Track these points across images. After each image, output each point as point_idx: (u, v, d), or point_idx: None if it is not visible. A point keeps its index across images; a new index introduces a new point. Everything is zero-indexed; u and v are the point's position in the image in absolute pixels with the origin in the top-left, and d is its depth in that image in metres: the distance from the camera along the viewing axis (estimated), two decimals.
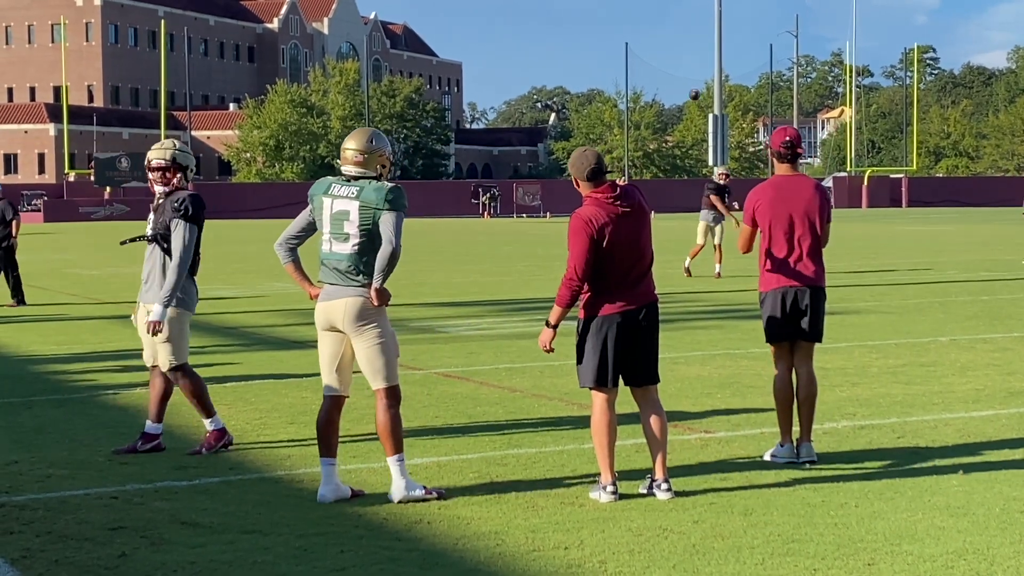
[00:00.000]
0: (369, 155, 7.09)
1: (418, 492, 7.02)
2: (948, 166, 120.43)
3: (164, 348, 8.34)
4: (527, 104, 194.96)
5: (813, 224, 8.08)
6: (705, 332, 15.00)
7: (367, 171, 7.09)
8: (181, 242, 8.22)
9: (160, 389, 8.52)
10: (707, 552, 5.97)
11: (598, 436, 7.06)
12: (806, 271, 8.04)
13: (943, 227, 50.77)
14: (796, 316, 8.03)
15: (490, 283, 23.45)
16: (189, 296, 8.39)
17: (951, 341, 13.81)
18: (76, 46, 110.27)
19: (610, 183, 7.08)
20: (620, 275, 7.02)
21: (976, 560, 5.80)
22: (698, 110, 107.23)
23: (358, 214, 6.98)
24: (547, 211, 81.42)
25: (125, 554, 6.05)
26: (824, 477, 7.48)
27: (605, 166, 7.15)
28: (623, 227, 7.00)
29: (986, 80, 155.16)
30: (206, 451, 8.36)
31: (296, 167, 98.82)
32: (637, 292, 7.07)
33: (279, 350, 13.93)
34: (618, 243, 6.97)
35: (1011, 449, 8.23)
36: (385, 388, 7.06)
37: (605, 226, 6.96)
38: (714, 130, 65.44)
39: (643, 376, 7.17)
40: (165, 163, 8.36)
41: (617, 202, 7.02)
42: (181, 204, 8.26)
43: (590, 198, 7.05)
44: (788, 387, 8.04)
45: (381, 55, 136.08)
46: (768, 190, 8.12)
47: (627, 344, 7.06)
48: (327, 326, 7.16)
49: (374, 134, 7.19)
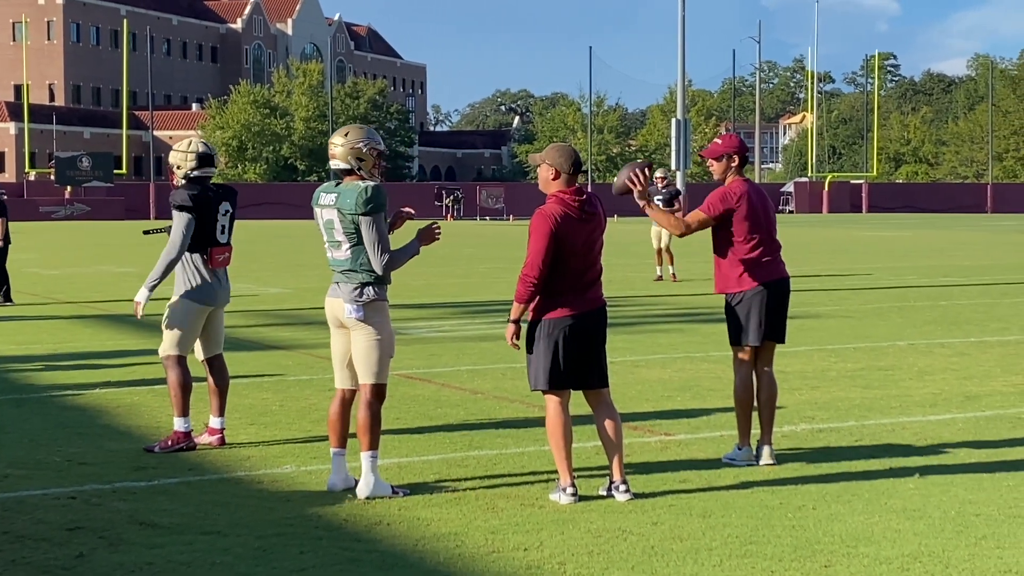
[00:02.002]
0: (343, 148, 7.18)
1: (385, 491, 7.08)
2: (908, 172, 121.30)
3: (167, 335, 8.48)
4: (491, 107, 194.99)
5: (775, 225, 8.24)
6: (665, 335, 15.06)
7: (341, 163, 7.20)
8: (175, 233, 8.36)
9: (212, 385, 8.66)
10: (665, 553, 6.00)
11: (554, 438, 7.08)
12: (783, 268, 8.17)
13: (902, 232, 51.13)
14: (773, 314, 8.07)
15: (452, 285, 23.45)
16: (208, 289, 8.48)
17: (909, 345, 13.92)
18: (38, 44, 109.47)
19: (577, 187, 7.13)
20: (573, 279, 7.06)
21: (931, 563, 5.86)
22: (661, 114, 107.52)
23: (339, 223, 7.12)
24: (510, 214, 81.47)
25: (83, 554, 6.02)
26: (782, 480, 7.53)
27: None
28: (582, 232, 7.05)
29: (946, 87, 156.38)
30: (160, 450, 8.34)
31: (259, 168, 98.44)
32: (587, 297, 7.11)
33: (241, 351, 13.88)
34: (576, 247, 7.02)
35: (967, 452, 8.31)
36: (372, 384, 7.18)
37: (567, 227, 7.00)
38: (677, 134, 65.63)
39: (595, 379, 7.19)
40: (202, 159, 8.57)
41: (583, 206, 7.06)
42: (181, 197, 8.42)
43: (556, 197, 7.09)
44: (751, 390, 8.09)
45: (345, 56, 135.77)
46: (748, 191, 8.12)
47: (578, 348, 7.09)
48: (336, 323, 7.30)
49: (352, 127, 7.31)
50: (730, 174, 8.17)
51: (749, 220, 8.05)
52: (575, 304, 7.07)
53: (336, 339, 7.36)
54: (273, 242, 44.15)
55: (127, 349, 14.02)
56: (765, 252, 8.09)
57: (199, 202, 8.41)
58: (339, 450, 7.29)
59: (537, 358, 7.11)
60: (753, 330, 8.05)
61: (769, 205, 8.27)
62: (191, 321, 8.48)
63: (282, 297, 21.12)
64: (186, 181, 8.50)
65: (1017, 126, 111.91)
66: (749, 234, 8.05)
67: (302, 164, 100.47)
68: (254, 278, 25.63)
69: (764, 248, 8.09)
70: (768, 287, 8.06)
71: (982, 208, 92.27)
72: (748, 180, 8.27)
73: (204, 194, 8.47)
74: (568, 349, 7.06)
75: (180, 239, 8.35)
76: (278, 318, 17.55)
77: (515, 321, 7.14)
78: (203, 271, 8.47)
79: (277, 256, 34.65)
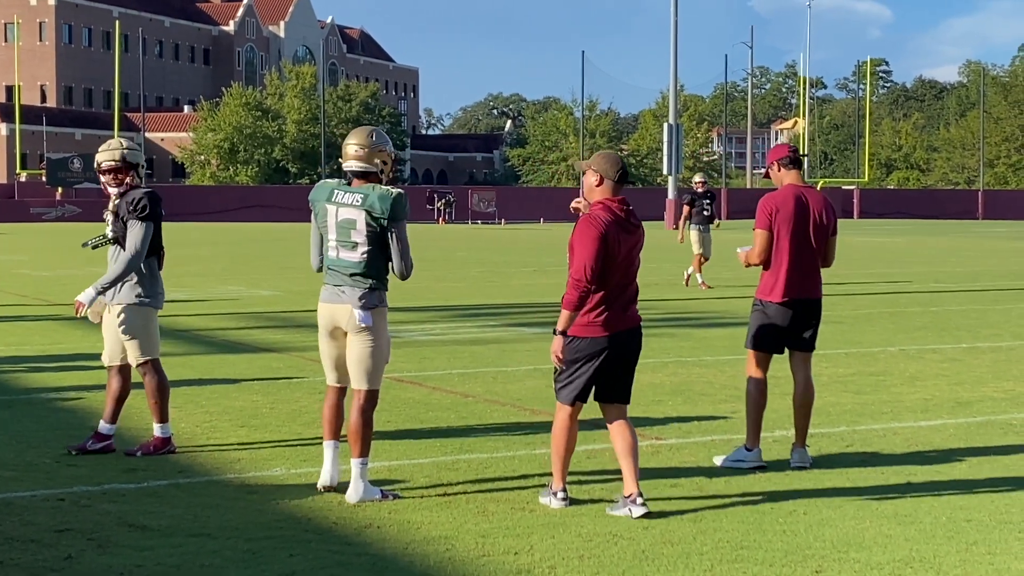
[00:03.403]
0: (370, 150, 7.16)
1: (375, 496, 7.06)
2: (899, 178, 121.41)
3: (131, 345, 8.32)
4: (483, 111, 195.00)
5: (823, 237, 8.15)
6: (657, 340, 15.04)
7: (367, 166, 7.17)
8: (135, 239, 8.19)
9: (116, 390, 8.46)
10: (656, 558, 5.99)
11: (557, 444, 6.99)
12: (812, 284, 8.10)
13: (894, 239, 51.19)
14: (794, 328, 8.07)
15: (444, 288, 23.43)
16: (154, 293, 8.37)
17: (900, 351, 13.93)
18: (29, 45, 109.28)
19: (623, 197, 6.94)
20: (614, 294, 6.80)
21: (923, 568, 5.85)
22: (653, 119, 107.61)
23: (364, 223, 7.06)
24: (502, 218, 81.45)
25: (71, 556, 6.00)
26: (773, 484, 7.53)
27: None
28: (626, 243, 6.82)
29: (937, 94, 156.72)
30: (141, 454, 8.27)
31: (251, 170, 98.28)
32: (627, 316, 6.88)
33: (231, 353, 13.86)
34: (618, 258, 6.76)
35: (958, 458, 8.31)
36: (366, 390, 7.17)
37: (614, 235, 6.76)
38: (669, 139, 65.74)
39: (619, 395, 7.01)
40: (116, 164, 8.30)
41: (628, 216, 6.88)
42: (137, 203, 8.22)
43: (603, 204, 6.84)
44: (765, 393, 8.09)
45: (337, 59, 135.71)
46: (788, 198, 8.10)
47: (614, 367, 6.89)
48: (330, 327, 7.24)
49: (375, 130, 7.30)
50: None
51: (786, 228, 8.07)
52: (617, 322, 6.82)
53: (329, 344, 7.29)
54: (264, 245, 44.10)
55: None
56: (803, 264, 8.14)
57: (158, 208, 8.30)
58: (333, 442, 7.28)
59: (573, 376, 6.86)
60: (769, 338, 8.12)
61: (819, 215, 8.15)
62: (152, 324, 8.36)
63: (272, 299, 21.09)
64: (131, 183, 8.30)
65: (1008, 133, 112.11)
66: (788, 243, 8.07)
67: (294, 167, 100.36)
68: (244, 280, 25.60)
69: (802, 260, 8.13)
70: (799, 302, 8.13)
71: (973, 214, 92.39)
72: (797, 185, 8.18)
73: (156, 198, 8.33)
74: (605, 369, 6.85)
75: (144, 248, 8.19)
76: (268, 320, 17.52)
77: (563, 332, 6.79)
78: (156, 275, 8.39)
79: (267, 258, 34.60)
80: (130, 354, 8.37)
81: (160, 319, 8.69)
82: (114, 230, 8.32)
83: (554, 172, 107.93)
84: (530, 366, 12.61)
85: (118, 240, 8.29)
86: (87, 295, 8.17)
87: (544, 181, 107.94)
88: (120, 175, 8.32)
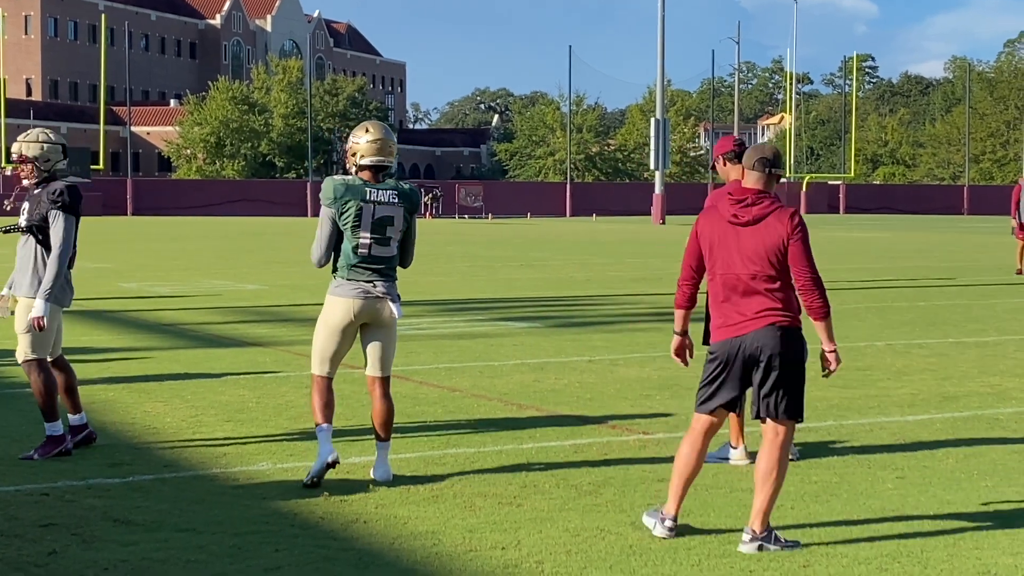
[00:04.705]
0: (394, 145, 7.41)
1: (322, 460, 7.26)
2: (885, 174, 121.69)
3: (24, 339, 8.02)
4: (470, 105, 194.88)
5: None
6: (644, 334, 15.04)
7: (394, 162, 7.46)
8: (58, 234, 7.94)
9: (63, 382, 8.24)
10: (644, 553, 5.97)
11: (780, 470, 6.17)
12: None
13: (880, 234, 51.29)
14: None
15: (430, 283, 23.40)
16: (68, 290, 8.10)
17: (887, 346, 13.94)
18: (14, 39, 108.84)
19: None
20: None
21: (910, 563, 5.85)
22: (640, 114, 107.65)
23: (403, 219, 7.35)
24: (489, 212, 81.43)
25: (56, 551, 5.96)
26: None
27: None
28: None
29: (923, 89, 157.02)
30: (39, 456, 7.98)
31: (237, 164, 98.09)
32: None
33: (217, 347, 13.82)
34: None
35: (945, 453, 8.31)
36: (388, 377, 7.51)
37: None
38: (656, 134, 65.76)
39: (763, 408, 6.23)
40: (17, 155, 8.12)
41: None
42: (59, 195, 7.98)
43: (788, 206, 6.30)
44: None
45: (324, 53, 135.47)
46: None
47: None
48: (350, 320, 7.36)
49: (385, 124, 7.50)
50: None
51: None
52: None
53: (340, 337, 7.37)
54: (250, 239, 44.01)
55: (102, 346, 13.93)
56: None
57: (78, 203, 8.04)
58: (328, 426, 7.32)
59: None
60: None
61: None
62: (52, 322, 8.04)
63: (259, 293, 21.03)
64: (49, 176, 8.08)
65: (994, 128, 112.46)
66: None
67: (280, 161, 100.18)
68: (231, 274, 25.54)
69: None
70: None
71: (958, 210, 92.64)
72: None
73: (77, 193, 8.08)
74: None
75: (69, 240, 7.93)
76: (255, 315, 17.46)
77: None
78: (67, 274, 8.07)
79: (254, 252, 34.53)
80: (19, 348, 8.06)
81: (147, 313, 8.63)
82: (28, 219, 8.03)
83: (541, 167, 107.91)
84: (517, 360, 12.59)
85: (31, 229, 8.01)
86: (40, 308, 7.83)
87: (531, 176, 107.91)
88: (26, 166, 8.10)
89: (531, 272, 26.86)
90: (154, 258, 31.44)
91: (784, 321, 6.18)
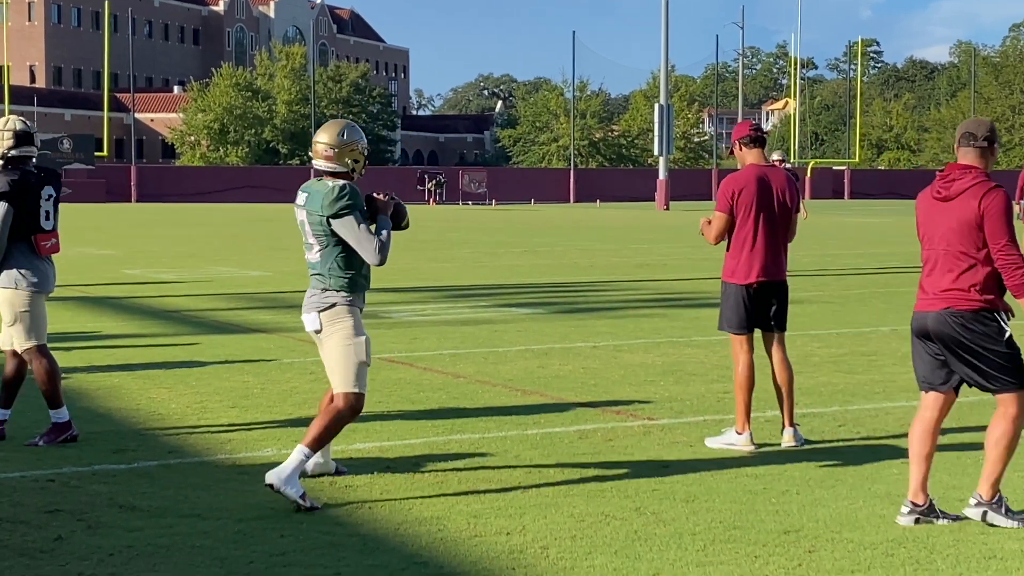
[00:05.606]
0: (340, 149, 6.71)
1: (292, 491, 6.48)
2: (890, 159, 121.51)
3: (16, 329, 7.98)
4: (474, 91, 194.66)
5: (787, 217, 8.08)
6: (648, 320, 15.03)
7: (337, 166, 6.71)
8: None
9: (11, 373, 8.13)
10: (649, 538, 5.97)
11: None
12: (778, 266, 8.05)
13: (885, 219, 51.22)
14: (764, 309, 8.04)
15: (434, 269, 23.39)
16: (42, 276, 8.00)
17: (892, 331, 13.92)
18: (18, 25, 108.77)
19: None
20: None
21: (916, 548, 5.84)
22: (644, 100, 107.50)
23: (308, 224, 6.71)
24: (493, 198, 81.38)
25: (61, 537, 5.97)
26: (766, 465, 7.51)
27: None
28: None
29: (928, 74, 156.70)
30: (44, 443, 7.97)
31: (241, 151, 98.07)
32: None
33: (221, 334, 13.83)
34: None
35: (950, 438, 8.29)
36: (342, 393, 6.70)
37: None
38: (660, 120, 65.68)
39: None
40: None
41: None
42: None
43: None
44: (752, 375, 8.04)
45: (328, 40, 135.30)
46: (750, 179, 8.05)
47: None
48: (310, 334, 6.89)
49: (347, 127, 6.79)
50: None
51: (748, 210, 7.99)
52: None
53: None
54: (254, 225, 44.01)
55: (106, 332, 13.94)
56: (765, 246, 8.03)
57: (19, 188, 7.83)
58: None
59: None
60: (736, 320, 8.07)
61: (781, 195, 8.05)
62: (35, 308, 7.98)
63: (263, 280, 21.03)
64: (2, 163, 7.92)
65: (999, 113, 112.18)
66: (752, 225, 8.00)
67: (284, 147, 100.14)
68: (235, 261, 25.54)
69: (764, 241, 8.03)
70: (759, 284, 8.05)
71: None
72: (759, 166, 8.11)
73: (25, 179, 7.88)
74: None
75: (2, 231, 7.78)
76: (259, 301, 17.47)
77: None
78: (34, 259, 7.94)
79: (258, 239, 34.53)
80: (16, 340, 8.01)
81: (152, 300, 8.62)
82: None
83: (545, 153, 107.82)
84: (521, 346, 12.59)
85: None
86: None
87: (535, 162, 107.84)
88: None
89: (535, 258, 26.85)
90: (158, 245, 31.44)
91: (962, 305, 6.19)
